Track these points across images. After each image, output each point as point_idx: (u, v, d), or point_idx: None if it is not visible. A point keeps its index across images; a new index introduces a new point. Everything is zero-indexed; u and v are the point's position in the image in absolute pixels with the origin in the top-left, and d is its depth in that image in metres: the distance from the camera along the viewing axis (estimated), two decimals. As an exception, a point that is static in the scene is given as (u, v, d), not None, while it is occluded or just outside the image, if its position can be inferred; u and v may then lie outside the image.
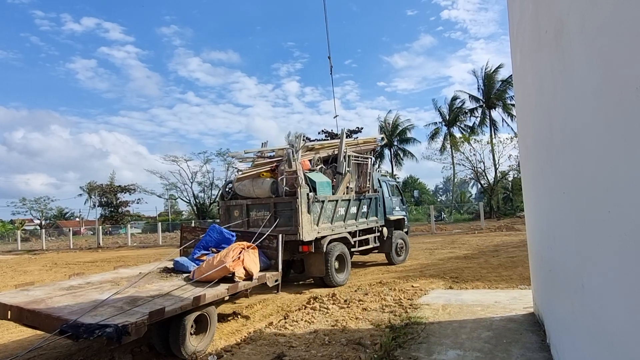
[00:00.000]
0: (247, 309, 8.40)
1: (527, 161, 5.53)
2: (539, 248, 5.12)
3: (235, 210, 10.24)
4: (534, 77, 4.03)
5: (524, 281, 9.42)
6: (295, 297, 9.29)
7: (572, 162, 2.74)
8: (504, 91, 41.58)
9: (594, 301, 2.45)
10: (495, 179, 38.10)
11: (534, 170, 4.89)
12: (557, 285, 3.69)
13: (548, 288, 4.56)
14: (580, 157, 2.49)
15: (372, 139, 13.07)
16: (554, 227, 3.73)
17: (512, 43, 5.82)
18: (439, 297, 7.98)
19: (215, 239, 7.92)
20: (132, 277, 7.16)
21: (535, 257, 5.69)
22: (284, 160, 9.79)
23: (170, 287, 6.53)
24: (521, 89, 5.37)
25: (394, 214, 13.35)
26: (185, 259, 7.65)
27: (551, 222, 3.83)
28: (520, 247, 15.78)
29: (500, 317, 6.23)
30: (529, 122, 4.93)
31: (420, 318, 6.42)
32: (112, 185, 57.19)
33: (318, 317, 6.93)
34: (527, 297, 7.40)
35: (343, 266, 10.51)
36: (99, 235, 33.19)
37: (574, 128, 2.57)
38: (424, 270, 11.86)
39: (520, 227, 23.43)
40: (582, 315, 2.82)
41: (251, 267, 7.18)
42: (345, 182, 10.77)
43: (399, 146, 49.57)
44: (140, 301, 5.72)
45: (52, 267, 20.29)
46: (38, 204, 64.17)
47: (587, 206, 2.44)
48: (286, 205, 9.50)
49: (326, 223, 10.14)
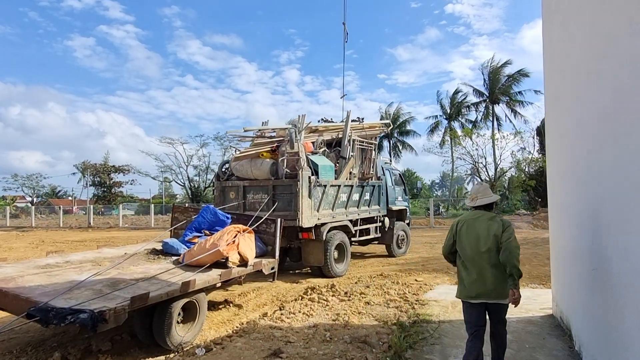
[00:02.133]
0: (240, 297, 7.85)
1: (561, 146, 4.95)
2: (573, 244, 4.56)
3: (231, 192, 9.63)
4: (591, 42, 3.43)
5: (533, 280, 8.92)
6: (291, 287, 8.74)
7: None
8: (509, 86, 40.90)
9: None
10: (496, 175, 37.60)
11: (575, 155, 4.30)
12: (611, 287, 3.12)
13: (586, 289, 4.00)
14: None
15: (378, 123, 12.44)
16: (610, 219, 3.15)
17: (546, 10, 5.20)
18: (447, 292, 7.44)
19: (208, 220, 7.32)
20: (116, 257, 6.56)
21: (563, 255, 5.13)
22: (285, 140, 9.17)
23: (157, 270, 5.94)
24: (560, 61, 4.77)
25: (396, 204, 12.78)
26: (176, 240, 7.07)
27: (606, 213, 3.25)
28: (524, 244, 15.29)
29: (517, 319, 5.69)
30: (572, 95, 4.34)
31: (430, 315, 5.88)
32: (105, 165, 56.30)
33: (317, 310, 6.38)
34: (541, 297, 6.89)
35: (343, 256, 9.95)
36: (89, 215, 32.44)
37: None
38: (426, 264, 11.34)
39: (522, 224, 22.99)
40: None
41: (246, 252, 6.61)
42: (348, 167, 10.17)
43: (398, 138, 48.98)
44: (122, 284, 5.13)
45: (39, 244, 19.64)
46: (30, 181, 63.26)
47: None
48: (286, 188, 8.90)
49: (327, 209, 9.56)
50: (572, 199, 4.60)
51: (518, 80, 40.75)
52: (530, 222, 23.88)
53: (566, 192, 4.81)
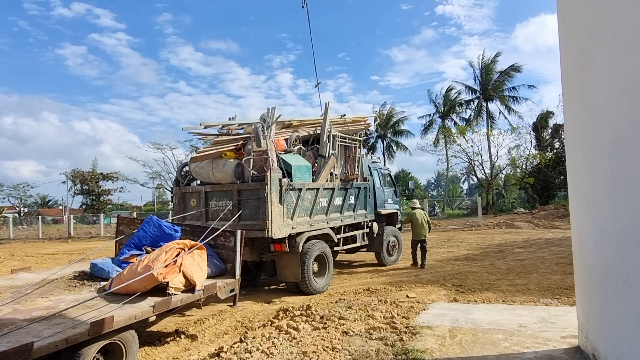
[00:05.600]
0: (196, 325, 6.54)
1: (589, 129, 3.68)
2: (612, 255, 3.30)
3: (192, 199, 8.33)
4: None
5: (544, 293, 7.65)
6: (261, 308, 7.44)
7: None
8: (502, 82, 39.86)
9: None
10: (492, 172, 36.40)
11: (609, 139, 3.04)
12: None
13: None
14: None
15: (363, 118, 11.13)
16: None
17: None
18: (443, 314, 6.16)
19: (151, 234, 6.02)
20: (29, 285, 5.24)
21: (599, 273, 3.85)
22: (252, 137, 7.86)
23: (71, 302, 4.62)
24: (578, 31, 3.51)
25: (385, 207, 11.50)
26: (108, 261, 5.75)
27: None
28: (527, 247, 14.05)
29: (535, 354, 4.42)
30: (601, 66, 3.08)
31: (422, 352, 4.59)
32: (93, 173, 54.72)
33: (281, 346, 5.07)
34: (560, 320, 5.62)
35: (323, 269, 8.65)
36: (70, 225, 30.99)
37: None
38: (420, 274, 10.06)
39: (521, 224, 21.76)
40: None
41: (194, 273, 5.31)
42: (329, 168, 8.88)
43: (392, 138, 47.84)
44: (7, 328, 3.82)
45: (7, 258, 18.23)
46: (17, 191, 61.52)
47: None
48: (252, 193, 7.59)
49: (303, 216, 8.25)
50: (594, 198, 3.34)
51: (510, 76, 39.76)
52: (531, 222, 22.66)
53: (594, 190, 3.55)
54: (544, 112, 37.17)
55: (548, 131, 37.16)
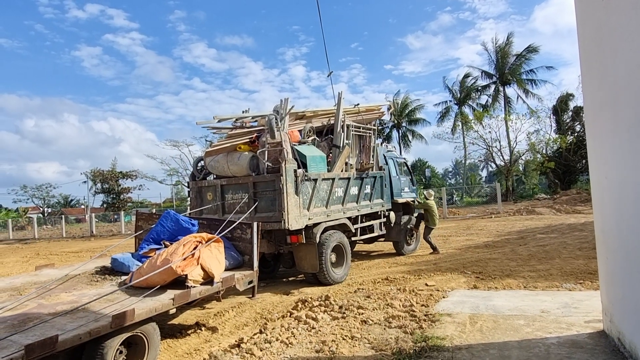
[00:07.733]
0: (216, 317, 6.60)
1: (609, 106, 3.56)
2: (635, 237, 3.20)
3: (208, 193, 8.39)
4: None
5: (567, 278, 7.50)
6: (280, 300, 7.47)
7: None
8: (520, 65, 38.95)
9: None
10: (511, 158, 35.73)
11: (630, 116, 2.93)
12: None
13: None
14: None
15: (376, 106, 11.02)
16: None
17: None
18: (463, 301, 6.10)
19: (169, 229, 6.09)
20: (53, 281, 5.36)
21: (617, 252, 3.75)
22: (265, 129, 7.86)
23: (93, 296, 4.72)
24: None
25: (402, 196, 11.41)
26: (128, 255, 5.84)
27: None
28: (549, 233, 13.80)
29: (558, 339, 4.34)
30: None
31: (442, 339, 4.55)
32: (113, 172, 55.70)
33: (300, 336, 5.09)
34: (584, 304, 5.50)
35: (341, 259, 8.64)
36: (91, 224, 31.65)
37: None
38: (439, 262, 9.97)
39: (543, 210, 21.36)
40: None
41: (212, 266, 5.36)
42: (343, 157, 8.83)
43: (407, 127, 47.31)
44: (32, 322, 3.91)
45: (33, 257, 18.75)
46: (40, 192, 63.03)
47: None
48: (268, 185, 7.61)
49: (320, 207, 8.24)
50: (623, 174, 3.23)
51: (528, 58, 38.80)
52: (552, 207, 22.21)
53: (619, 167, 3.43)
54: (563, 94, 36.24)
55: (568, 114, 36.19)
